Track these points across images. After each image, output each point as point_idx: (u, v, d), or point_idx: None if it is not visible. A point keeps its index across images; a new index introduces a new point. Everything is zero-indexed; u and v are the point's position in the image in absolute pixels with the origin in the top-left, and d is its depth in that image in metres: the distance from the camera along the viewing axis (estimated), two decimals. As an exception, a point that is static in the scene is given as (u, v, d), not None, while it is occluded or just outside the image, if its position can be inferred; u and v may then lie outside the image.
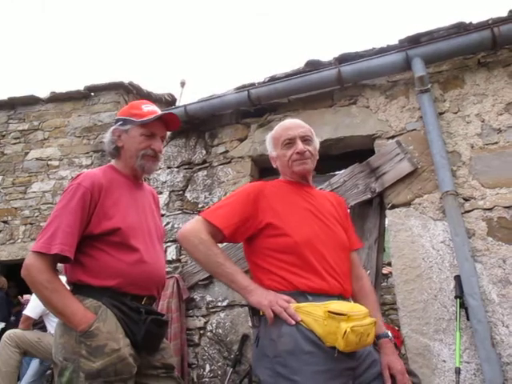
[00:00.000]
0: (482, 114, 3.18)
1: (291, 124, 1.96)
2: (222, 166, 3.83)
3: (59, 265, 1.78)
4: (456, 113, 3.25)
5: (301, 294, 1.71)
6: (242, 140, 3.83)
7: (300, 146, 1.88)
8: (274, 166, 2.00)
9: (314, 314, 1.65)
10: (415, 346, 2.88)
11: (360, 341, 1.62)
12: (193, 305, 3.61)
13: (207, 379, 3.46)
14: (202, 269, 3.45)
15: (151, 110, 2.00)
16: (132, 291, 1.82)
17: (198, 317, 3.58)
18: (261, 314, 1.72)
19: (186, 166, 3.99)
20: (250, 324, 1.79)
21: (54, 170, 6.05)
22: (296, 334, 1.64)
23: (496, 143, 3.08)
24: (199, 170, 3.92)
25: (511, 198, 2.91)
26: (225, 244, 2.49)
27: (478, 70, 3.31)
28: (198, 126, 4.01)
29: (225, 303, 3.48)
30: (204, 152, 3.96)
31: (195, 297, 3.61)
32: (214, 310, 3.53)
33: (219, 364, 3.44)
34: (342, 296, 1.76)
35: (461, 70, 3.35)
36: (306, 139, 1.91)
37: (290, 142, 1.89)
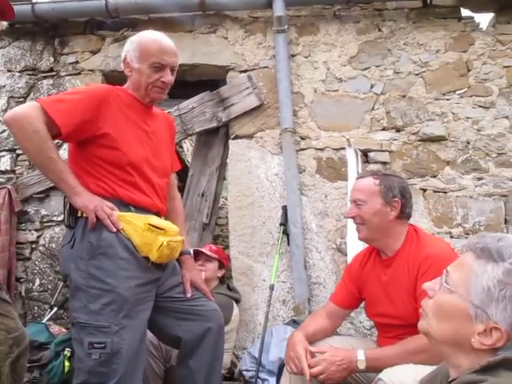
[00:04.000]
0: (329, 62, 3.40)
1: (168, 48, 1.85)
2: (70, 77, 3.59)
3: None
4: (306, 57, 3.43)
5: (124, 205, 1.78)
6: (94, 52, 3.61)
7: (169, 77, 1.85)
8: (126, 72, 1.90)
9: (134, 223, 1.73)
10: (240, 267, 3.16)
11: (170, 254, 1.78)
12: (26, 218, 3.46)
13: (36, 293, 3.41)
14: (39, 181, 3.33)
15: None
16: None
17: (30, 231, 3.45)
18: (79, 215, 1.74)
19: (30, 72, 3.65)
20: (65, 222, 1.78)
21: None
22: (115, 240, 1.71)
23: (336, 91, 3.36)
24: (44, 78, 3.63)
25: (340, 142, 3.24)
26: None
27: (333, 22, 3.49)
28: (48, 30, 3.67)
29: (60, 218, 3.37)
30: (52, 59, 3.65)
31: (29, 210, 3.46)
32: (48, 224, 3.44)
33: (50, 278, 3.40)
34: (158, 214, 1.88)
35: (317, 18, 3.51)
36: (173, 69, 1.88)
37: (159, 67, 1.83)
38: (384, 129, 3.28)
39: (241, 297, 3.06)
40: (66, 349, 2.70)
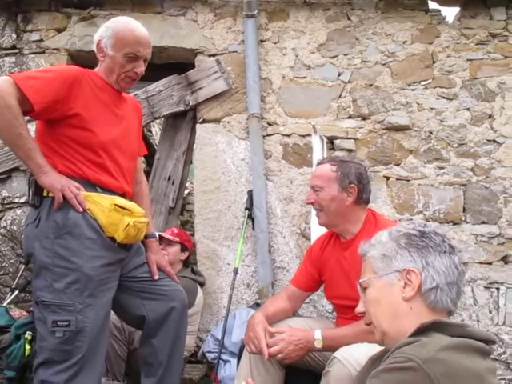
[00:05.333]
0: (298, 49, 3.41)
1: (144, 39, 1.88)
2: (33, 56, 3.48)
3: None
4: (276, 43, 3.43)
5: (91, 185, 1.79)
6: (60, 31, 3.50)
7: (141, 68, 1.88)
8: (98, 56, 1.90)
9: (100, 204, 1.74)
10: (205, 251, 3.19)
11: (136, 235, 1.80)
12: (-14, 200, 3.38)
13: (-4, 276, 3.35)
14: (0, 162, 3.25)
15: None
16: None
17: (-10, 212, 3.38)
18: (45, 194, 1.73)
19: (-10, 49, 3.55)
20: (30, 202, 1.77)
21: None
22: (81, 220, 1.72)
23: (304, 78, 3.38)
24: (6, 55, 3.50)
25: (307, 128, 3.27)
26: None
27: (303, 9, 3.49)
28: (10, 5, 3.54)
29: (22, 200, 3.31)
30: (14, 36, 3.53)
31: (-11, 191, 3.38)
32: (9, 206, 3.37)
33: (11, 261, 3.35)
34: (124, 196, 1.89)
35: (288, 5, 3.49)
36: (146, 60, 1.91)
37: (134, 57, 1.84)
38: (350, 117, 3.32)
39: (205, 280, 3.08)
40: (27, 332, 2.67)
